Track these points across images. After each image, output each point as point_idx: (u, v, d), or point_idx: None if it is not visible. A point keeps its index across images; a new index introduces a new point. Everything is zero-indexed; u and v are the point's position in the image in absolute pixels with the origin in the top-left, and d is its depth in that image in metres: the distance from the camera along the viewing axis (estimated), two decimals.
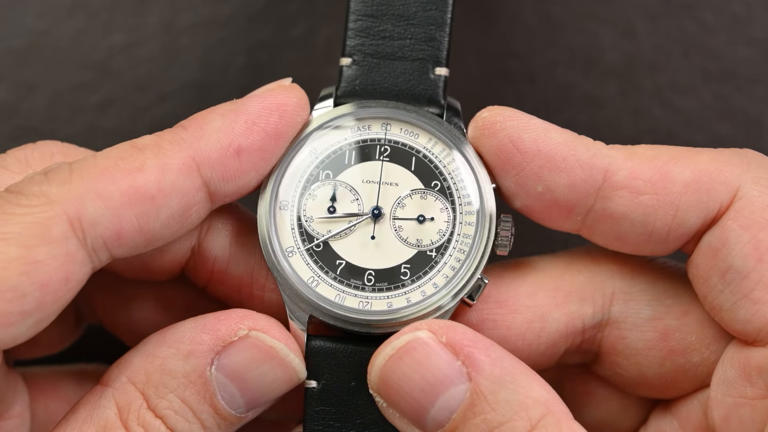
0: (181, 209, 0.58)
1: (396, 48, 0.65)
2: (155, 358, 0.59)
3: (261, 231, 0.62)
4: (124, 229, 0.57)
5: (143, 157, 0.57)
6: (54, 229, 0.55)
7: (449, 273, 0.62)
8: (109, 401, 0.58)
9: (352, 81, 0.65)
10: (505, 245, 0.62)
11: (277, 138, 0.60)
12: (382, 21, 0.65)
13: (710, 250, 0.60)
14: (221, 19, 0.80)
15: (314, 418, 0.62)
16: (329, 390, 0.62)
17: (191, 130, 0.59)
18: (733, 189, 0.59)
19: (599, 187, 0.60)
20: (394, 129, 0.63)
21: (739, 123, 0.80)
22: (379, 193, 0.63)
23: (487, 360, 0.57)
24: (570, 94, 0.80)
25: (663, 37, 0.80)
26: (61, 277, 0.55)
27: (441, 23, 0.65)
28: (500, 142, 0.61)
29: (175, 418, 0.58)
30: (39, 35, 0.79)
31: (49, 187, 0.56)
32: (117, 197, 0.56)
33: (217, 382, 0.59)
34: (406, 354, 0.58)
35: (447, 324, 0.59)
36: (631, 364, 0.64)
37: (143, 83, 0.80)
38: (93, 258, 0.57)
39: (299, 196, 0.63)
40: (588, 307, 0.64)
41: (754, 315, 0.58)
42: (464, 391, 0.57)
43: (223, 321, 0.59)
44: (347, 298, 0.62)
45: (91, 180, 0.56)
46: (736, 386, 0.59)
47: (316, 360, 0.62)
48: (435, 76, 0.65)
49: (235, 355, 0.59)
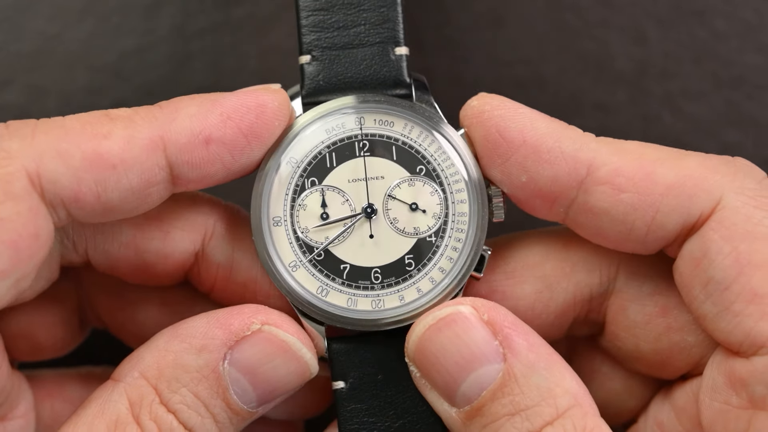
0: (141, 184, 0.58)
1: (352, 36, 0.65)
2: (168, 352, 0.59)
3: (260, 251, 0.62)
4: (82, 191, 0.57)
5: (112, 126, 0.58)
6: (15, 184, 0.55)
7: (452, 254, 0.62)
8: (120, 396, 0.58)
9: (315, 77, 0.64)
10: (500, 213, 0.62)
11: (249, 137, 0.60)
12: (333, 12, 0.65)
13: (692, 259, 0.59)
14: (232, 24, 0.80)
15: (348, 418, 0.62)
16: (358, 387, 0.62)
17: (166, 110, 0.59)
18: (716, 197, 0.59)
19: (582, 181, 0.60)
20: (368, 122, 0.63)
21: (749, 129, 0.80)
22: (368, 190, 0.63)
23: (525, 344, 0.58)
24: (580, 101, 0.80)
25: (673, 44, 0.80)
26: (30, 232, 0.55)
27: (391, 3, 0.65)
28: (487, 131, 0.61)
29: (187, 413, 0.58)
30: (50, 39, 0.79)
31: (9, 142, 0.56)
32: (78, 159, 0.56)
33: (229, 377, 0.59)
34: (446, 326, 0.59)
35: (490, 304, 0.59)
36: (628, 336, 0.64)
37: (154, 87, 0.80)
38: (53, 215, 0.57)
39: (290, 209, 0.62)
40: (595, 277, 0.64)
41: (735, 327, 0.58)
42: (497, 371, 0.57)
43: (236, 315, 0.59)
44: (359, 300, 0.62)
45: (54, 138, 0.56)
46: (722, 393, 0.59)
47: (340, 361, 0.62)
48: (396, 56, 0.64)
49: (248, 349, 0.59)
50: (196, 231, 0.64)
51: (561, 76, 0.80)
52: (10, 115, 0.79)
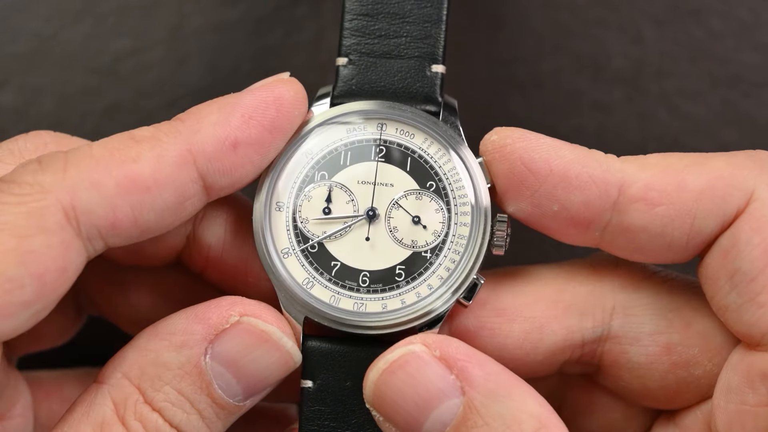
0: (176, 201, 0.58)
1: (392, 46, 0.65)
2: (148, 351, 0.59)
3: (256, 232, 0.62)
4: (119, 219, 0.57)
5: (139, 148, 0.57)
6: (48, 218, 0.55)
7: (444, 274, 0.62)
8: (105, 398, 0.58)
9: (348, 80, 0.65)
10: (501, 245, 0.62)
11: (274, 132, 0.60)
12: (377, 20, 0.65)
13: (721, 250, 0.59)
14: (228, 24, 0.80)
15: (310, 418, 0.62)
16: (325, 390, 0.62)
17: (188, 122, 0.59)
18: (748, 192, 0.59)
19: (615, 202, 0.60)
20: (389, 129, 0.63)
21: (746, 129, 0.80)
22: (374, 194, 0.63)
23: (481, 374, 0.57)
24: (577, 100, 0.80)
25: (670, 43, 0.80)
26: (58, 266, 0.55)
27: (437, 20, 0.65)
28: (512, 164, 0.60)
29: (172, 410, 0.58)
30: (46, 39, 0.79)
31: (43, 176, 0.56)
32: (112, 187, 0.56)
33: (212, 371, 0.58)
34: (399, 368, 0.58)
35: (441, 338, 0.59)
36: (633, 377, 0.64)
37: (150, 88, 0.80)
38: (88, 247, 0.57)
39: (294, 197, 0.63)
40: (588, 322, 0.63)
41: (759, 319, 0.58)
42: (457, 405, 0.57)
43: (214, 309, 0.59)
44: (342, 299, 0.62)
45: (85, 169, 0.56)
46: (738, 393, 0.59)
47: (312, 360, 0.62)
48: (431, 73, 0.65)
49: (228, 342, 0.59)
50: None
51: (558, 75, 0.80)
52: (7, 117, 0.79)
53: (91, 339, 0.72)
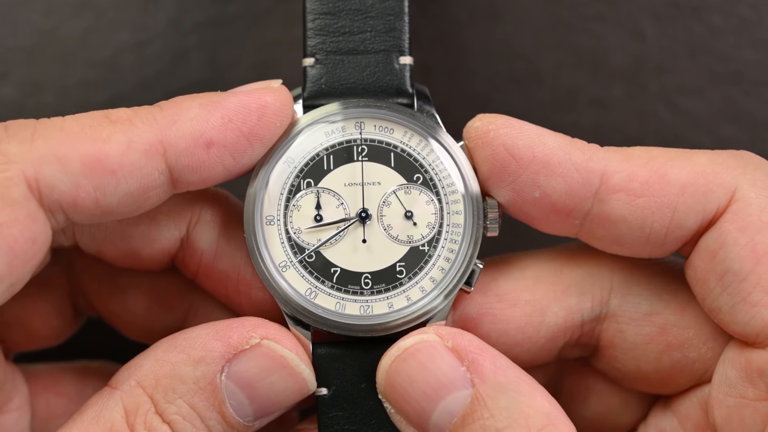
0: (140, 189, 0.58)
1: (357, 42, 0.64)
2: (165, 362, 0.58)
3: (251, 249, 0.61)
4: (81, 197, 0.56)
5: (112, 129, 0.57)
6: (13, 190, 0.55)
7: (444, 265, 0.62)
8: (116, 404, 0.58)
9: (317, 80, 0.64)
10: (495, 227, 0.62)
11: (251, 139, 0.59)
12: (339, 17, 0.65)
13: (708, 252, 0.59)
14: (228, 18, 0.80)
15: (328, 425, 0.61)
16: (340, 395, 0.61)
17: (167, 112, 0.58)
18: (730, 191, 0.59)
19: (596, 191, 0.60)
20: (368, 127, 0.63)
21: (746, 125, 0.80)
22: (364, 195, 0.62)
23: (491, 367, 0.57)
24: (576, 96, 0.80)
25: (670, 39, 0.80)
26: (27, 238, 0.55)
27: (399, 12, 0.65)
28: (495, 150, 0.60)
29: (182, 424, 0.58)
30: (46, 33, 0.79)
31: (8, 145, 0.55)
32: (77, 164, 0.56)
33: (226, 390, 0.58)
34: (411, 356, 0.58)
35: (454, 330, 0.59)
36: (628, 358, 0.64)
37: (150, 82, 0.80)
38: (51, 220, 0.57)
39: (283, 208, 0.62)
40: (587, 301, 0.64)
41: (753, 318, 0.58)
42: (466, 397, 0.57)
43: (236, 328, 0.59)
44: (348, 305, 0.61)
45: (53, 141, 0.56)
46: (737, 387, 0.59)
47: (324, 367, 0.61)
48: (400, 65, 0.64)
49: (246, 363, 0.59)
50: (182, 217, 0.64)
51: (557, 71, 0.80)
52: (6, 110, 0.79)
53: (90, 338, 0.72)
